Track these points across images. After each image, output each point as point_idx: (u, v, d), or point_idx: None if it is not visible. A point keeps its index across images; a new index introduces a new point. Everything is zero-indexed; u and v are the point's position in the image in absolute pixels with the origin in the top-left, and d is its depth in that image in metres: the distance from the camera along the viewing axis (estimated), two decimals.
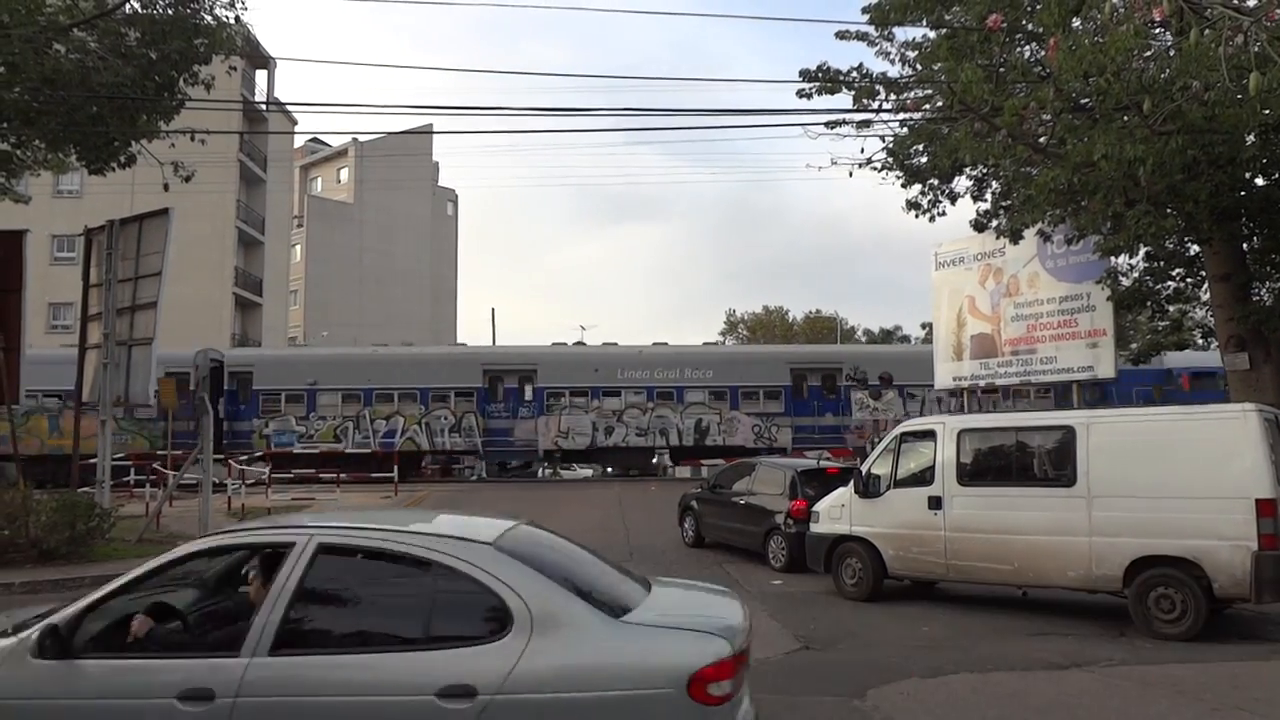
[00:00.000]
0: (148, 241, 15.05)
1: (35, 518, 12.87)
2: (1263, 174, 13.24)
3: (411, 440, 28.63)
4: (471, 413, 28.90)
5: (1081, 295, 18.01)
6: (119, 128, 13.86)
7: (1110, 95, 10.25)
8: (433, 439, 28.75)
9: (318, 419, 28.60)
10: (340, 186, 65.04)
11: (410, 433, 28.62)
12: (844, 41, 14.94)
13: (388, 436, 28.55)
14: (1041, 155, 12.84)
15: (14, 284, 15.48)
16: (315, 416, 28.61)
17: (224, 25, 14.07)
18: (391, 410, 28.67)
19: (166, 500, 17.54)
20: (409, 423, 28.64)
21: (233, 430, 28.53)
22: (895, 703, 6.58)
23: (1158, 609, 8.67)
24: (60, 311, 38.83)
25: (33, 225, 18.89)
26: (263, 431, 28.39)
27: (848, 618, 9.91)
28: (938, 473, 10.32)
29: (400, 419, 28.66)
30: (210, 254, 41.44)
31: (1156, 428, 9.40)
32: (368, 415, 28.60)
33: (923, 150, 15.69)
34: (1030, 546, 9.51)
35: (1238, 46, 6.43)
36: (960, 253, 20.78)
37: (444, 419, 28.79)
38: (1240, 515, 8.33)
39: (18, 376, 15.70)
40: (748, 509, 13.92)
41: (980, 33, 12.15)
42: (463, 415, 28.82)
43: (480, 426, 28.77)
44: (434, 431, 28.71)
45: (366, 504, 20.69)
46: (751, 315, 67.08)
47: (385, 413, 28.64)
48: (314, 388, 28.68)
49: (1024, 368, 19.34)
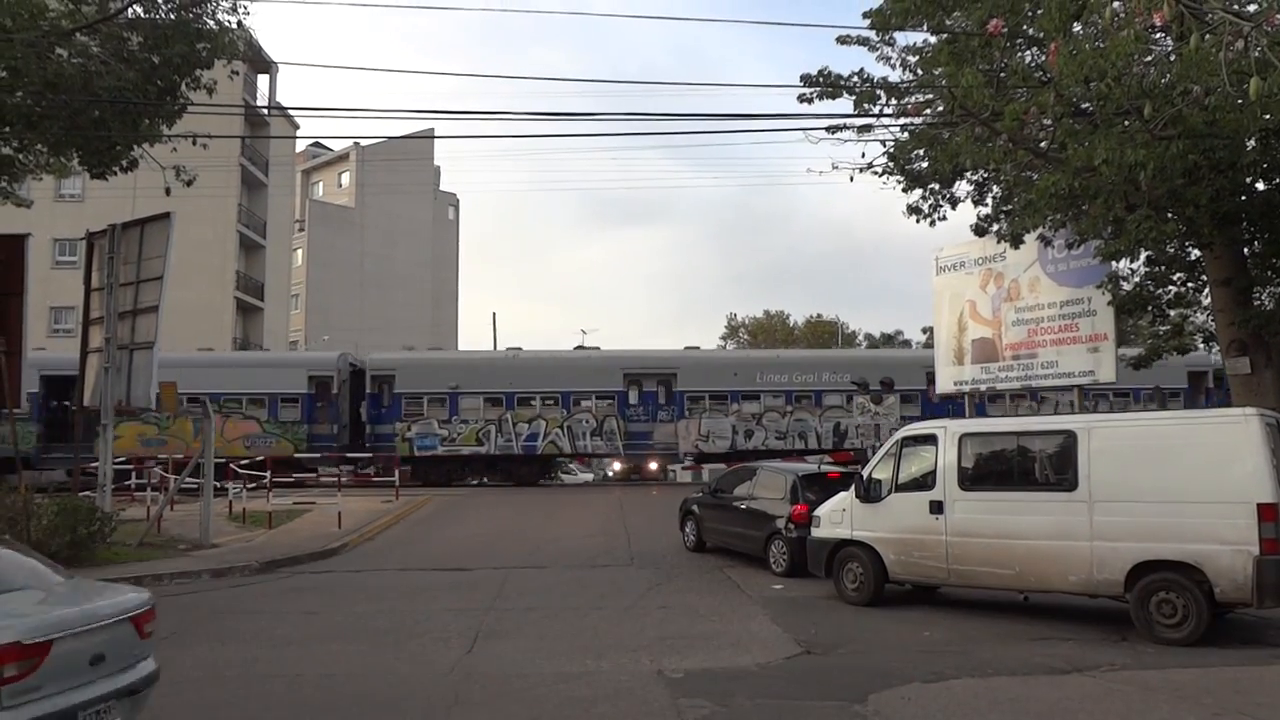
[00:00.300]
0: (149, 245, 15.08)
1: (36, 521, 12.88)
2: (1263, 178, 13.23)
3: (554, 444, 28.96)
4: (612, 416, 29.17)
5: (1082, 300, 17.98)
6: (121, 132, 13.88)
7: (1111, 100, 10.26)
8: (575, 442, 29.07)
9: (460, 422, 28.80)
10: (342, 191, 65.12)
11: (552, 436, 28.92)
12: (845, 46, 14.95)
13: (530, 440, 28.87)
14: (1042, 160, 12.85)
15: (16, 287, 15.49)
16: (458, 420, 28.81)
17: (226, 30, 14.11)
18: (533, 414, 28.97)
19: (168, 504, 17.53)
20: (551, 426, 28.91)
21: (375, 434, 28.83)
22: (896, 708, 6.57)
23: (1159, 614, 8.66)
24: (62, 315, 38.86)
25: (34, 229, 18.94)
26: (405, 435, 28.60)
27: (849, 622, 9.90)
28: (939, 477, 10.32)
29: (542, 422, 28.93)
30: (212, 258, 41.50)
31: (1158, 432, 9.41)
32: (510, 419, 28.88)
33: (923, 155, 15.69)
34: (1031, 551, 9.50)
35: (1238, 51, 6.44)
36: (961, 257, 20.77)
37: (585, 422, 29.08)
38: (1242, 520, 8.32)
39: (19, 380, 15.70)
40: (749, 513, 13.91)
41: (981, 38, 12.16)
42: (604, 418, 29.12)
43: (621, 430, 29.02)
44: (576, 435, 29.02)
45: (370, 508, 20.67)
46: (753, 319, 67.10)
47: (527, 416, 28.94)
48: (456, 391, 28.92)
49: (1025, 372, 19.31)
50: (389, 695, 7.09)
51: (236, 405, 28.08)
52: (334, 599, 11.47)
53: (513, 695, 7.01)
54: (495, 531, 18.10)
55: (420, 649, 8.67)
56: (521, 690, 7.14)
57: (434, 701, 6.88)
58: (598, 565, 14.11)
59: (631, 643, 8.81)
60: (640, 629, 9.49)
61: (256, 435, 27.94)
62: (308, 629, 9.69)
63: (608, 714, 6.50)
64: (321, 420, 28.56)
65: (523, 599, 11.30)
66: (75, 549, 13.05)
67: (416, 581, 12.85)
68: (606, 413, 29.07)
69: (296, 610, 10.75)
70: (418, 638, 9.15)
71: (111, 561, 13.42)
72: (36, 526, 12.84)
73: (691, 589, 12.00)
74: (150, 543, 15.13)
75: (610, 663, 8.00)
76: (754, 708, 6.63)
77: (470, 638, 9.07)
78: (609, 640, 8.97)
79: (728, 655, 8.34)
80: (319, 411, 28.79)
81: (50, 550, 12.76)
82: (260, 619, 10.22)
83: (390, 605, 11.00)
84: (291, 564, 14.17)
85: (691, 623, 9.84)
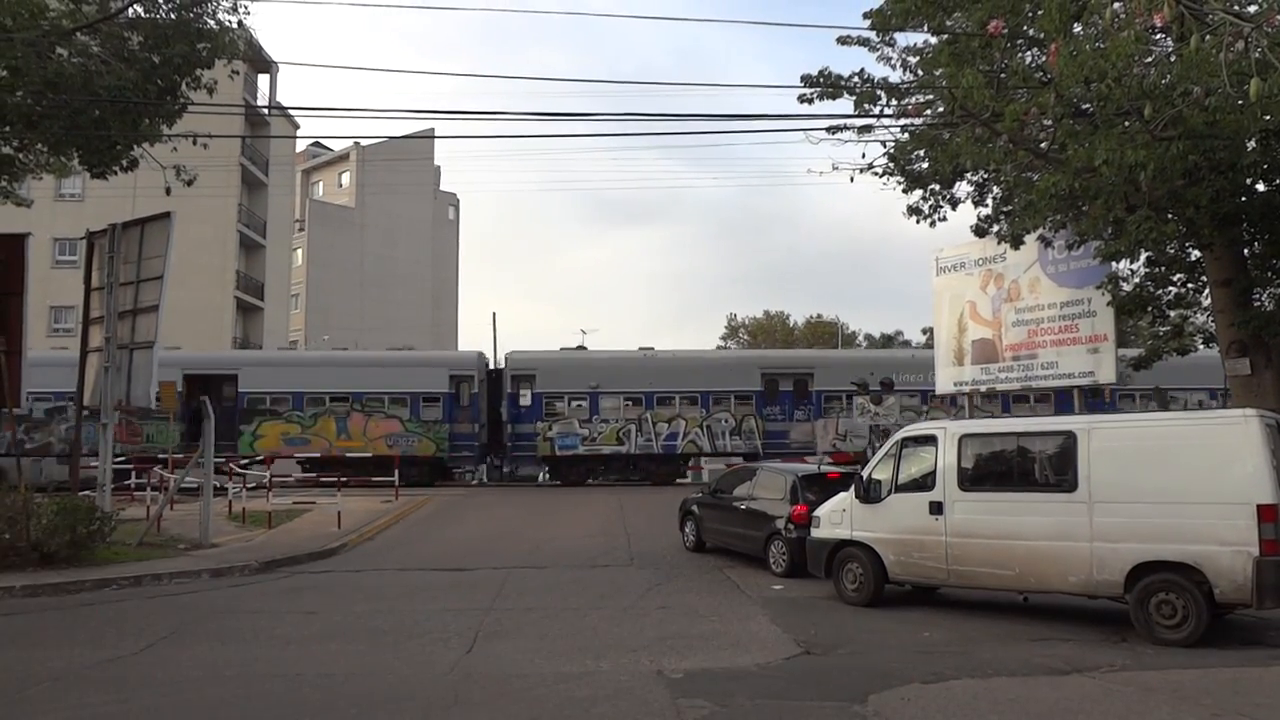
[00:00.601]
0: (149, 245, 15.07)
1: (36, 521, 12.88)
2: (1263, 179, 13.24)
3: (693, 443, 29.14)
4: (751, 415, 29.42)
5: (1082, 300, 18.00)
6: (121, 132, 13.88)
7: (1111, 100, 10.27)
8: (714, 441, 29.22)
9: (600, 422, 28.99)
10: (342, 190, 65.15)
11: (692, 435, 29.12)
12: (845, 47, 14.97)
13: (670, 439, 29.07)
14: (1042, 160, 12.85)
15: (16, 287, 15.49)
16: (598, 419, 29.01)
17: (226, 30, 14.11)
18: (673, 413, 29.21)
19: (168, 504, 17.53)
20: (690, 425, 29.14)
21: (516, 433, 29.07)
22: (896, 708, 6.57)
23: (1159, 614, 8.67)
24: (62, 315, 38.89)
25: (34, 228, 18.94)
26: (546, 434, 28.81)
27: (849, 623, 9.90)
28: (939, 478, 10.32)
29: (682, 422, 29.16)
30: (212, 258, 41.53)
31: (1158, 433, 9.41)
32: (650, 418, 29.05)
33: (924, 155, 15.70)
34: (1031, 552, 9.50)
35: (1238, 52, 6.44)
36: (961, 258, 20.79)
37: (724, 422, 29.33)
38: (1241, 520, 8.33)
39: (19, 379, 15.69)
40: (749, 514, 13.91)
41: (981, 38, 12.17)
42: (742, 418, 29.33)
43: (760, 429, 29.27)
44: (715, 434, 29.22)
45: (370, 508, 20.67)
46: (753, 320, 67.16)
47: (667, 416, 29.18)
48: (597, 391, 29.14)
49: (1025, 373, 19.33)
50: (388, 695, 7.09)
51: (379, 404, 28.35)
52: (333, 599, 11.47)
53: (512, 695, 7.01)
54: (495, 531, 18.10)
55: (420, 649, 8.67)
56: (521, 690, 7.14)
57: (433, 701, 6.88)
58: (598, 565, 14.11)
59: (631, 643, 8.81)
60: (640, 629, 9.49)
61: (399, 434, 28.20)
62: (307, 629, 9.69)
63: (607, 714, 6.50)
64: (462, 420, 28.84)
65: (522, 599, 11.30)
66: (75, 548, 13.05)
67: (416, 581, 12.85)
68: (745, 412, 29.38)
69: (296, 610, 10.75)
70: (417, 638, 9.14)
71: (111, 561, 13.41)
72: (36, 526, 12.84)
73: (691, 589, 12.00)
74: (150, 542, 15.13)
75: (610, 663, 8.00)
76: (754, 708, 6.63)
77: (470, 638, 9.07)
78: (609, 640, 8.97)
79: (727, 655, 8.34)
80: (460, 411, 29.03)
81: (50, 550, 12.81)
82: (259, 619, 10.22)
83: (390, 605, 11.00)
84: (291, 564, 14.17)
85: (691, 623, 9.84)
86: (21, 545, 12.73)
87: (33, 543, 12.80)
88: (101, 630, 9.58)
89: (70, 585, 11.89)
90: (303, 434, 27.84)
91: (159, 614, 10.48)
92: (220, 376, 28.43)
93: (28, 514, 12.87)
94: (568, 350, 33.19)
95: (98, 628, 9.71)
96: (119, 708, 6.80)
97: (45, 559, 12.79)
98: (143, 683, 7.50)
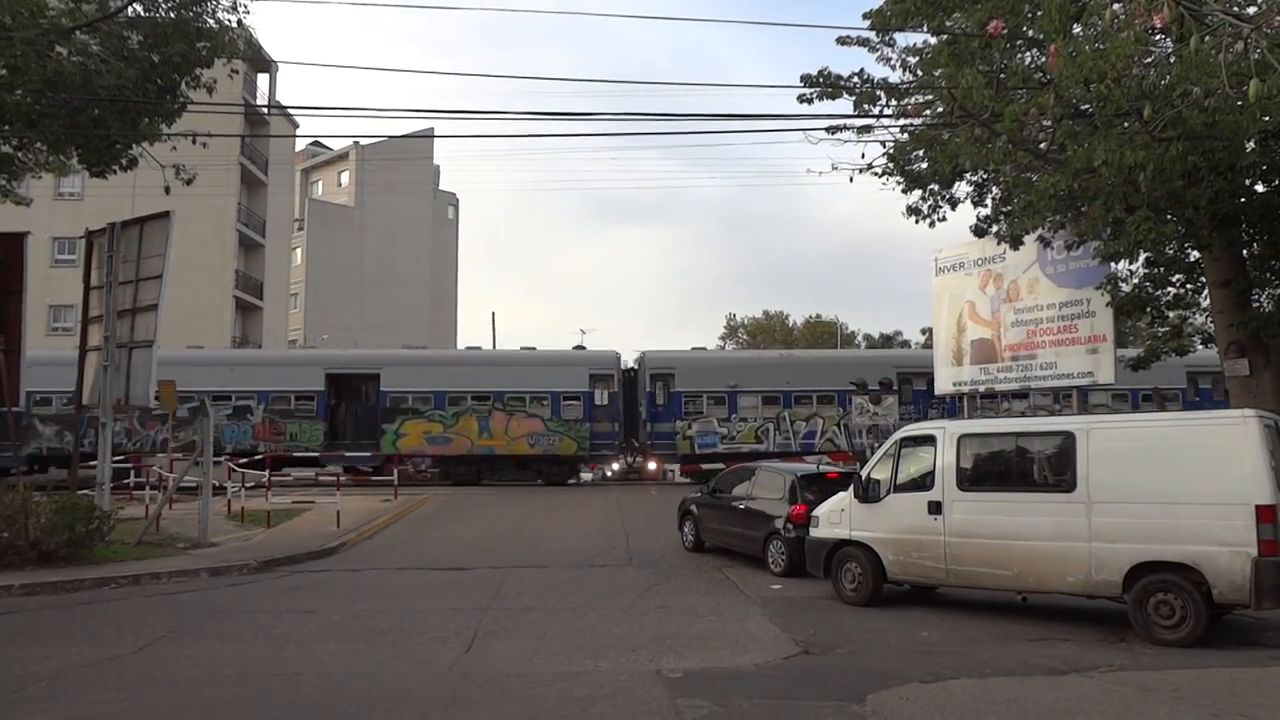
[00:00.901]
0: (149, 244, 15.07)
1: (35, 520, 12.87)
2: (1263, 180, 13.25)
3: (830, 441, 29.33)
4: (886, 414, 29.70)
5: (1081, 301, 18.01)
6: (121, 130, 13.88)
7: (1111, 101, 10.27)
8: (850, 440, 29.41)
9: (739, 420, 29.18)
10: (341, 190, 65.11)
11: (829, 434, 29.32)
12: (845, 47, 14.98)
13: (808, 438, 29.27)
14: (1042, 161, 12.85)
15: (15, 286, 15.50)
16: (736, 418, 29.20)
17: (226, 29, 14.10)
18: (810, 412, 29.43)
19: (166, 503, 17.52)
20: (827, 424, 29.39)
21: (654, 431, 29.28)
22: (895, 708, 6.57)
23: (1157, 615, 8.67)
24: (61, 314, 38.85)
25: (34, 227, 18.93)
26: (685, 433, 28.99)
27: (847, 622, 9.91)
28: (938, 478, 10.33)
29: (820, 420, 29.39)
30: (211, 257, 41.50)
31: (1156, 433, 9.41)
32: (788, 417, 29.28)
33: (923, 155, 15.70)
34: (1030, 552, 9.51)
35: (1238, 53, 6.46)
36: (960, 258, 20.80)
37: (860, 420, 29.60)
38: (1240, 521, 8.33)
39: (18, 378, 15.70)
40: (748, 513, 13.91)
41: (981, 39, 12.18)
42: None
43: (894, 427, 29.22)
44: (851, 433, 29.46)
45: (369, 507, 20.67)
46: (752, 320, 67.15)
47: (804, 414, 29.40)
48: (735, 389, 29.35)
49: (1024, 373, 19.34)
50: (387, 694, 7.09)
51: (520, 403, 28.61)
52: (332, 598, 11.47)
53: (511, 694, 7.01)
54: (493, 531, 18.09)
55: (418, 648, 8.67)
56: (520, 689, 7.14)
57: (432, 701, 6.88)
58: (596, 565, 14.11)
59: (630, 642, 8.81)
60: (639, 628, 9.49)
61: (540, 433, 28.53)
62: (305, 628, 9.69)
63: (606, 713, 6.50)
64: (601, 419, 29.03)
65: (521, 598, 11.30)
66: (73, 547, 13.05)
67: (414, 580, 12.85)
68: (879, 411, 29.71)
69: (294, 609, 10.75)
70: (416, 637, 9.14)
71: (109, 560, 13.41)
72: (35, 524, 12.83)
73: (690, 589, 12.00)
74: (149, 541, 15.12)
75: (608, 662, 8.01)
76: (752, 707, 6.63)
77: (468, 637, 9.07)
78: (607, 640, 8.97)
79: (726, 655, 8.34)
80: (598, 410, 29.20)
81: (48, 548, 12.80)
82: (258, 618, 10.22)
83: (388, 604, 11.00)
84: (290, 563, 14.17)
85: (690, 622, 9.85)
86: (20, 544, 12.73)
87: (31, 541, 12.79)
88: (100, 629, 9.58)
89: (69, 584, 11.89)
90: (444, 433, 28.22)
91: (157, 613, 10.48)
92: (362, 376, 28.92)
93: (26, 513, 12.87)
94: (700, 350, 33.78)
95: (96, 626, 9.71)
96: (117, 707, 6.79)
97: (44, 557, 12.78)
98: (141, 682, 7.50)
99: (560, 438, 28.45)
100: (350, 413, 29.04)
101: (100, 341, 15.16)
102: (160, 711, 6.76)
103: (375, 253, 62.05)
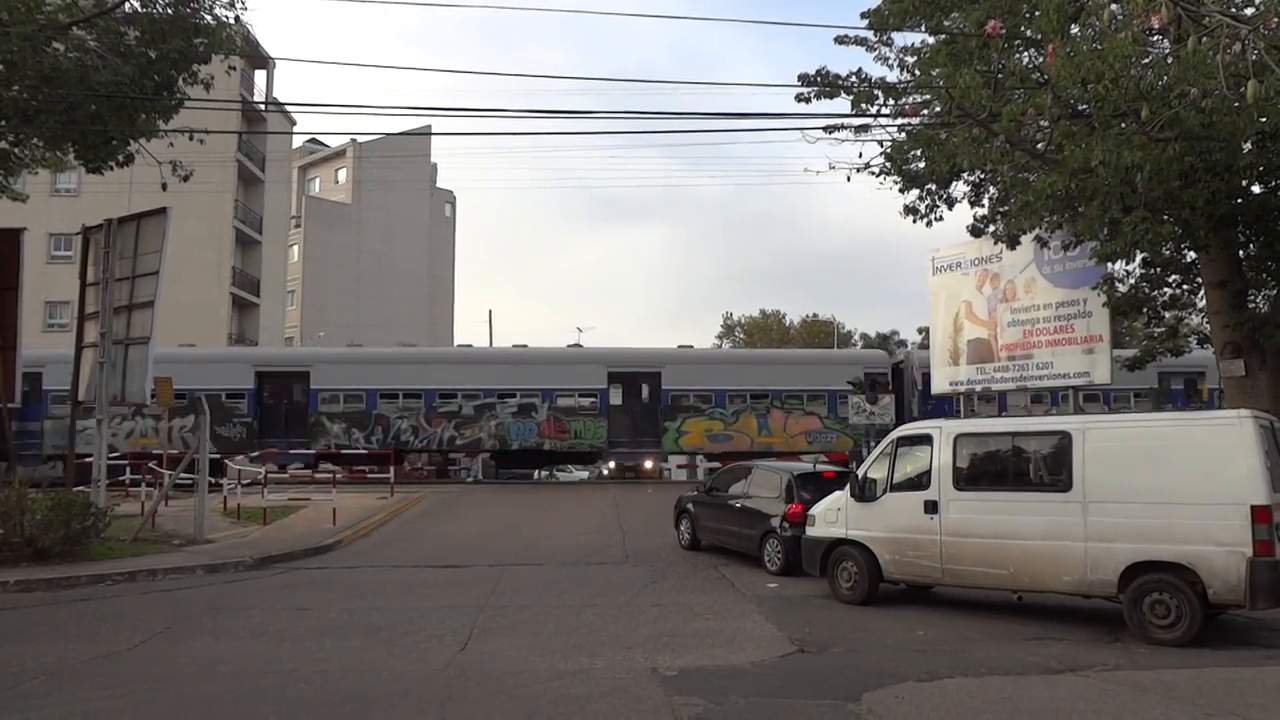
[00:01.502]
0: (145, 241, 15.05)
1: (30, 516, 12.85)
2: (1259, 181, 13.27)
3: None
4: None
5: (1078, 301, 18.04)
6: (117, 127, 13.86)
7: (1108, 102, 10.28)
8: None
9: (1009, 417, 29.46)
10: (338, 187, 65.00)
11: None
12: (843, 46, 14.99)
13: None
14: (1039, 161, 12.87)
15: (11, 282, 15.50)
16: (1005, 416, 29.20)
17: (223, 25, 14.09)
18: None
19: (163, 500, 17.50)
20: None
21: None
22: (890, 706, 6.58)
23: (1152, 614, 8.69)
24: (57, 310, 38.72)
25: (30, 223, 18.87)
26: None
27: (843, 621, 9.91)
28: (934, 477, 10.33)
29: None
30: (208, 254, 41.39)
31: (1152, 433, 9.42)
32: None
33: (921, 155, 15.71)
34: (1026, 551, 9.52)
35: (1235, 54, 6.46)
36: (957, 258, 20.83)
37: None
38: (1235, 521, 8.35)
39: (14, 374, 15.68)
40: (744, 512, 13.92)
41: (979, 39, 12.19)
42: None
43: None
44: None
45: (365, 505, 20.65)
46: (748, 319, 67.15)
47: None
48: None
49: (1020, 373, 19.39)
50: (383, 691, 7.08)
51: (797, 401, 28.87)
52: (328, 595, 11.46)
53: (507, 692, 7.01)
54: (490, 529, 18.09)
55: (414, 646, 8.66)
56: (516, 687, 7.14)
57: (428, 698, 6.87)
58: (592, 563, 14.12)
59: (626, 640, 8.81)
60: (635, 627, 9.49)
61: (817, 431, 28.82)
62: (301, 625, 9.68)
63: (602, 711, 6.50)
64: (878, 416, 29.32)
65: (517, 596, 11.30)
66: (69, 544, 13.03)
67: (410, 578, 12.84)
68: None
69: (290, 606, 10.74)
70: (412, 634, 9.14)
71: (105, 556, 13.40)
72: (30, 521, 12.81)
73: (686, 587, 12.01)
74: (144, 538, 15.10)
75: (605, 660, 8.01)
76: (748, 706, 6.63)
77: (464, 634, 9.07)
78: (603, 638, 8.97)
79: (722, 653, 8.35)
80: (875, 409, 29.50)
81: (44, 545, 12.78)
82: (254, 615, 10.21)
83: (384, 602, 10.99)
84: (286, 560, 14.16)
85: (686, 621, 9.85)
86: (16, 540, 12.71)
87: (27, 538, 12.77)
88: (96, 626, 9.56)
89: (64, 580, 11.88)
90: (725, 430, 28.51)
91: (153, 610, 10.47)
92: (643, 374, 29.21)
93: (22, 509, 12.85)
94: None
95: (92, 623, 9.70)
96: (113, 703, 6.78)
97: (39, 554, 12.77)
98: (137, 678, 7.49)
99: (837, 435, 28.77)
100: (631, 410, 29.23)
101: (97, 338, 15.14)
102: (156, 708, 6.75)
103: (372, 250, 61.96)
